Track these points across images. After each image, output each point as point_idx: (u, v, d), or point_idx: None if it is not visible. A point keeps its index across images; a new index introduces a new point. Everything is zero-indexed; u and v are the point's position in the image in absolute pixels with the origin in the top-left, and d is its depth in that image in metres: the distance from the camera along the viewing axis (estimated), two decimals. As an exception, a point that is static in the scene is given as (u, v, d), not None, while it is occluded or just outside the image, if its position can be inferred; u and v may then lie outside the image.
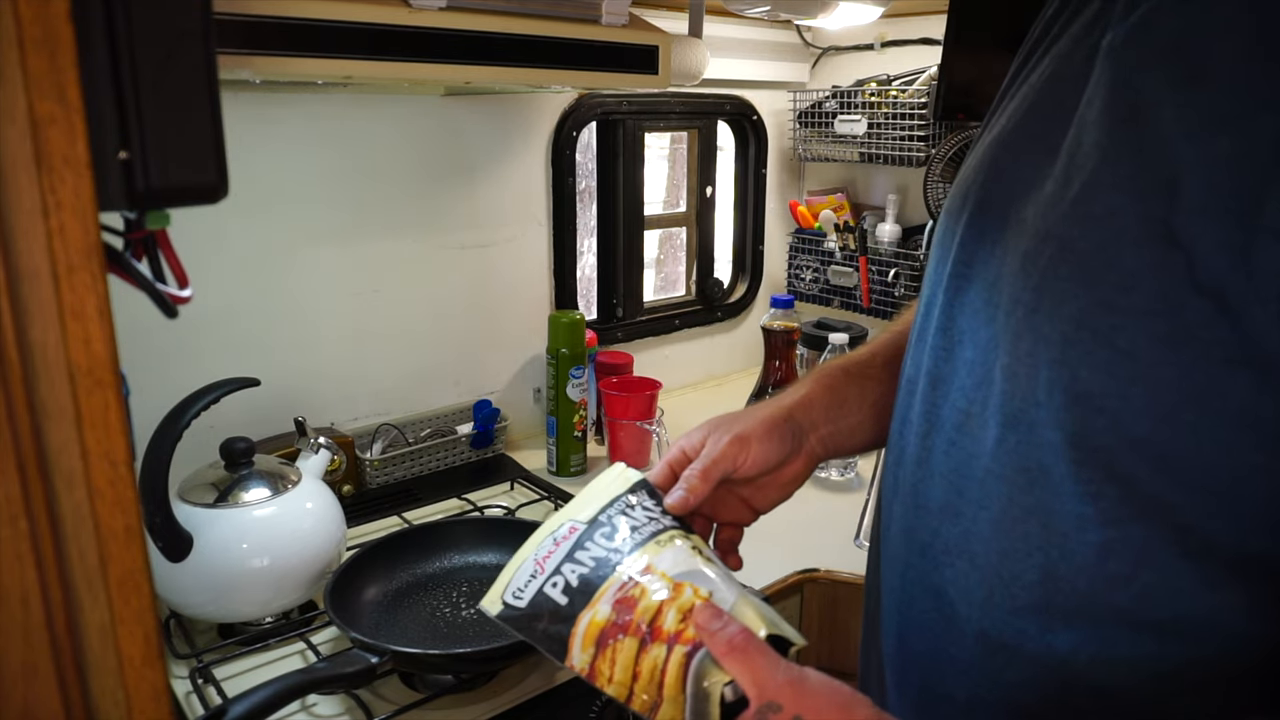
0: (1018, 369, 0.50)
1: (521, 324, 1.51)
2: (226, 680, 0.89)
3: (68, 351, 0.33)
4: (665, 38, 1.13)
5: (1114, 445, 0.46)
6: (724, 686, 0.53)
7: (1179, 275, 0.43)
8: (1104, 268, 0.46)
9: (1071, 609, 0.49)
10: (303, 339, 1.26)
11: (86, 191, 0.33)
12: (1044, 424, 0.49)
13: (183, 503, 0.92)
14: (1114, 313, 0.45)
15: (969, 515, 0.54)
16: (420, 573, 1.03)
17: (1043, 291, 0.49)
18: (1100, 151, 0.47)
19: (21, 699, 0.35)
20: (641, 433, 1.39)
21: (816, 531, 1.21)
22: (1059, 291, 0.48)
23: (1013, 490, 0.51)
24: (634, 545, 0.59)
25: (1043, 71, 0.55)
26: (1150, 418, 0.45)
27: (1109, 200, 0.46)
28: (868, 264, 1.69)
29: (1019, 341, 0.50)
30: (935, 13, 1.57)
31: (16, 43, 0.30)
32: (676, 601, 0.56)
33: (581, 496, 0.65)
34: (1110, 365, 0.45)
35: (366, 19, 0.86)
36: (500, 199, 1.45)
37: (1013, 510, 0.51)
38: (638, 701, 0.54)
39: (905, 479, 0.60)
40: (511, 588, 0.60)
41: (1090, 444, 0.47)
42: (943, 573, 0.56)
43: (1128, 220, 0.45)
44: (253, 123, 1.16)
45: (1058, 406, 0.48)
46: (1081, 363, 0.47)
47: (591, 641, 0.56)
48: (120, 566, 0.36)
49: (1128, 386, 0.45)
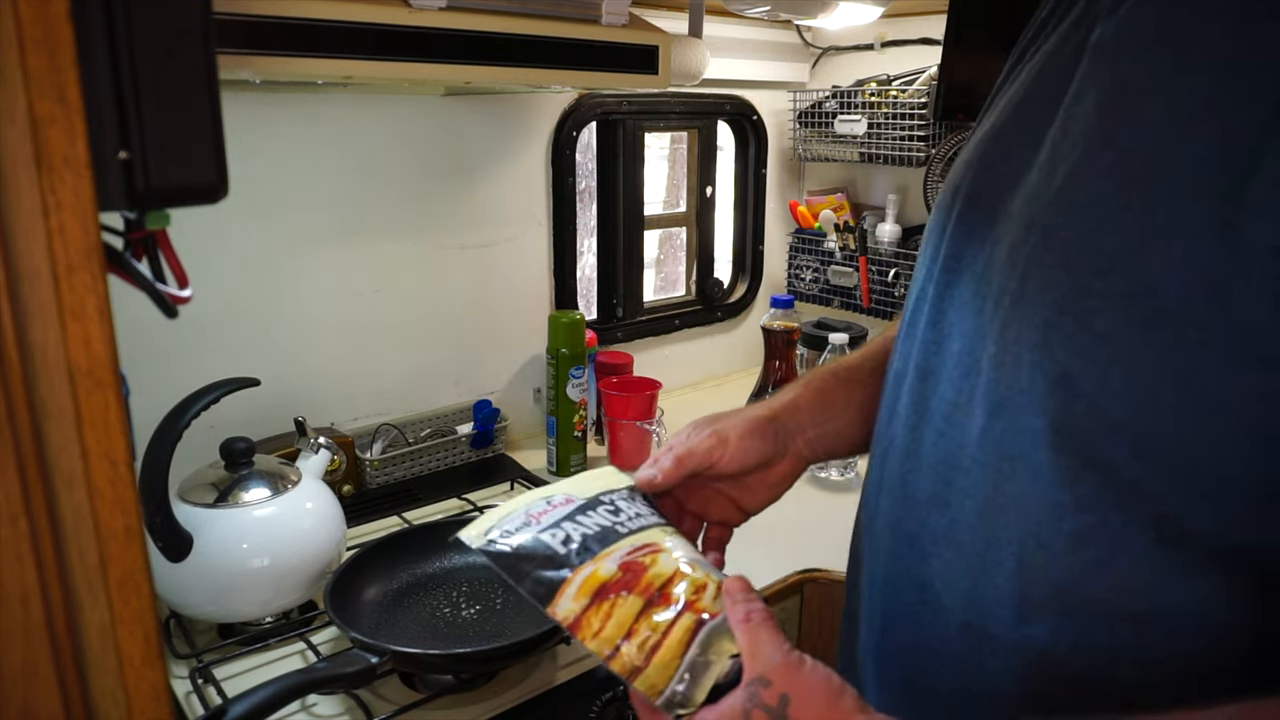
0: (1004, 357, 0.51)
1: (521, 324, 1.51)
2: (226, 680, 0.89)
3: (68, 351, 0.33)
4: (665, 38, 1.13)
5: (1093, 431, 0.46)
6: (728, 659, 0.53)
7: (1159, 257, 0.43)
8: (1086, 254, 0.46)
9: (1047, 599, 0.49)
10: (303, 339, 1.26)
11: (86, 191, 0.33)
12: (1026, 410, 0.49)
13: (183, 503, 0.92)
14: (1094, 296, 0.46)
15: (956, 505, 0.54)
16: (420, 573, 1.03)
17: (1027, 279, 0.50)
18: (1085, 140, 0.48)
19: (21, 699, 0.35)
20: (641, 433, 1.39)
21: (816, 531, 1.21)
22: (1042, 278, 0.48)
23: (996, 478, 0.51)
24: (642, 525, 0.61)
25: (1032, 68, 0.56)
26: (1129, 401, 0.45)
27: (1092, 188, 0.47)
28: (868, 264, 1.69)
29: (1005, 330, 0.51)
30: (935, 13, 1.57)
31: (16, 42, 0.30)
32: (690, 576, 0.57)
33: (573, 481, 0.67)
34: (1090, 349, 0.46)
35: (366, 19, 0.86)
36: (500, 199, 1.45)
37: (996, 498, 0.52)
38: (620, 661, 0.54)
39: (892, 471, 0.61)
40: (500, 528, 0.61)
41: (1070, 429, 0.47)
42: (929, 564, 0.56)
43: (1110, 207, 0.46)
44: (253, 123, 1.16)
45: (1040, 392, 0.48)
46: (1062, 346, 0.47)
47: (588, 593, 0.56)
48: (120, 566, 0.36)
49: (1106, 369, 0.45)
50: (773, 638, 0.52)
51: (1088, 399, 0.46)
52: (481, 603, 1.00)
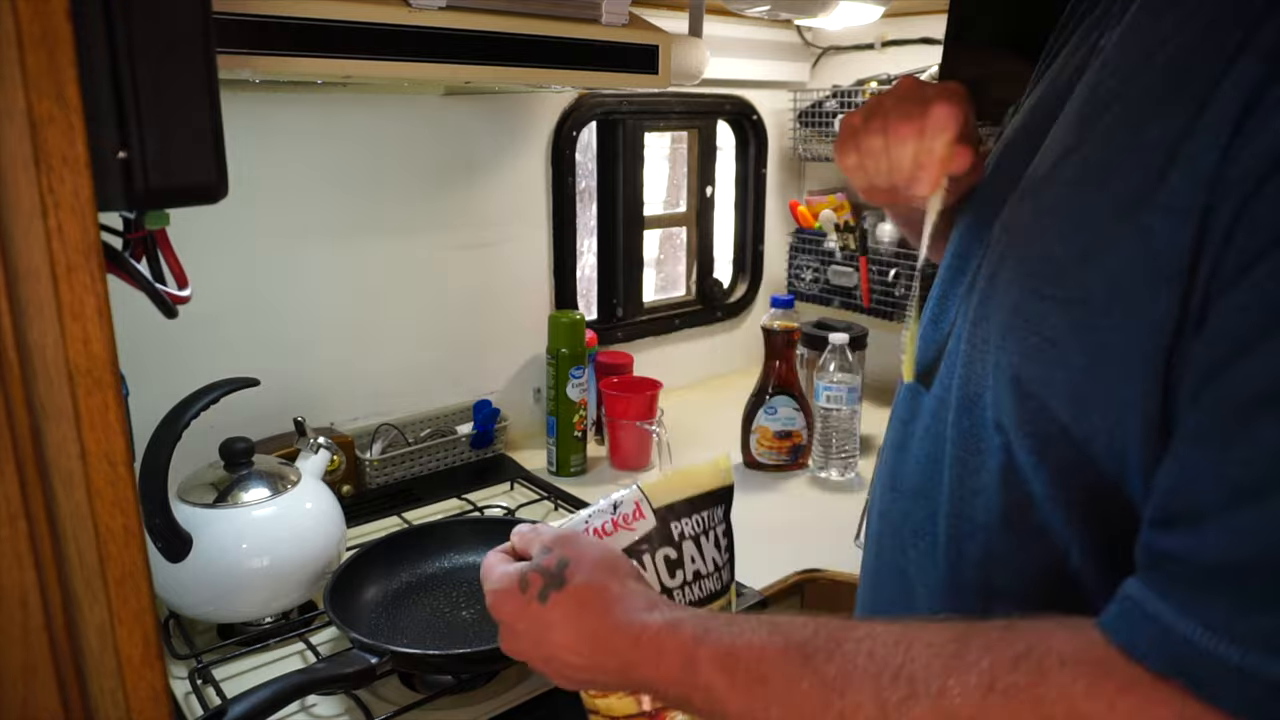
0: (974, 355, 0.53)
1: (521, 324, 1.51)
2: (226, 680, 0.89)
3: (67, 351, 0.33)
4: (665, 37, 1.13)
5: (1044, 430, 0.47)
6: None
7: (1095, 267, 0.44)
8: (1040, 259, 0.48)
9: (1009, 588, 0.51)
10: (303, 339, 1.26)
11: (85, 191, 0.33)
12: (988, 406, 0.51)
13: (182, 503, 0.92)
14: (1043, 300, 0.47)
15: (934, 498, 0.56)
16: (420, 573, 1.03)
17: (995, 280, 0.51)
18: (1060, 147, 0.49)
19: (21, 699, 0.35)
20: (641, 433, 1.39)
21: (816, 531, 1.21)
22: (1005, 281, 0.50)
23: (963, 471, 0.53)
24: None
25: (1052, 72, 0.57)
26: (1068, 405, 0.46)
27: (1053, 194, 0.48)
28: (868, 264, 1.69)
29: (975, 329, 0.53)
30: (935, 13, 1.57)
31: (15, 41, 0.30)
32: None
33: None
34: (1039, 351, 0.47)
35: (366, 19, 0.86)
36: (500, 199, 1.44)
37: (962, 491, 0.53)
38: None
39: (886, 464, 0.63)
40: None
41: (1023, 428, 0.48)
42: (907, 554, 0.59)
43: (1063, 213, 0.47)
44: (253, 123, 1.16)
45: (999, 390, 0.50)
46: (1016, 348, 0.48)
47: None
48: (119, 567, 0.36)
49: (1052, 372, 0.46)
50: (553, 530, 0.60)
51: (1037, 400, 0.47)
52: (481, 603, 1.00)
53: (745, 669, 0.48)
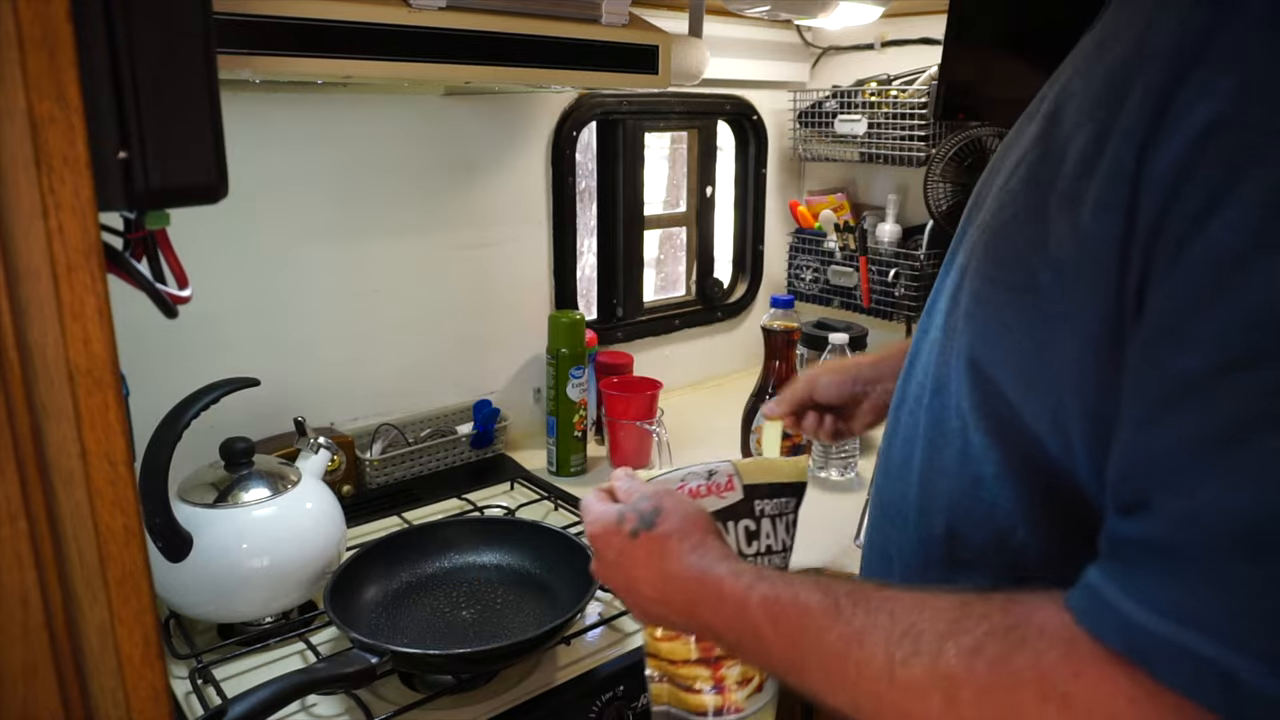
0: (945, 341, 0.56)
1: (521, 324, 1.51)
2: (226, 680, 0.89)
3: (67, 351, 0.33)
4: (665, 38, 1.13)
5: (999, 412, 0.51)
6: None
7: (1040, 253, 0.47)
8: (999, 250, 0.51)
9: (971, 560, 0.55)
10: (303, 339, 1.26)
11: (86, 191, 0.33)
12: (953, 389, 0.55)
13: (182, 503, 0.92)
14: (999, 289, 0.50)
15: (909, 479, 0.60)
16: (420, 573, 1.03)
17: (967, 271, 0.54)
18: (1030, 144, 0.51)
19: (22, 698, 0.35)
20: (642, 433, 1.39)
21: (816, 531, 1.21)
22: (973, 270, 0.54)
23: (932, 452, 0.57)
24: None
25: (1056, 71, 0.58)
26: (1020, 385, 0.49)
27: (1015, 189, 0.51)
28: (868, 264, 1.69)
29: (949, 317, 0.56)
30: (935, 13, 1.57)
31: (16, 42, 0.30)
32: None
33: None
34: (996, 337, 0.50)
35: (366, 19, 0.86)
36: (500, 199, 1.45)
37: (930, 471, 0.57)
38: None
39: (880, 452, 0.68)
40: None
41: (980, 410, 0.52)
42: (888, 533, 0.63)
43: (1020, 207, 0.49)
44: (253, 123, 1.16)
45: (960, 374, 0.53)
46: (976, 334, 0.52)
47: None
48: (119, 566, 0.36)
49: (1006, 356, 0.50)
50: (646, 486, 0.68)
51: (994, 383, 0.50)
52: (481, 603, 1.00)
53: (788, 618, 0.53)
